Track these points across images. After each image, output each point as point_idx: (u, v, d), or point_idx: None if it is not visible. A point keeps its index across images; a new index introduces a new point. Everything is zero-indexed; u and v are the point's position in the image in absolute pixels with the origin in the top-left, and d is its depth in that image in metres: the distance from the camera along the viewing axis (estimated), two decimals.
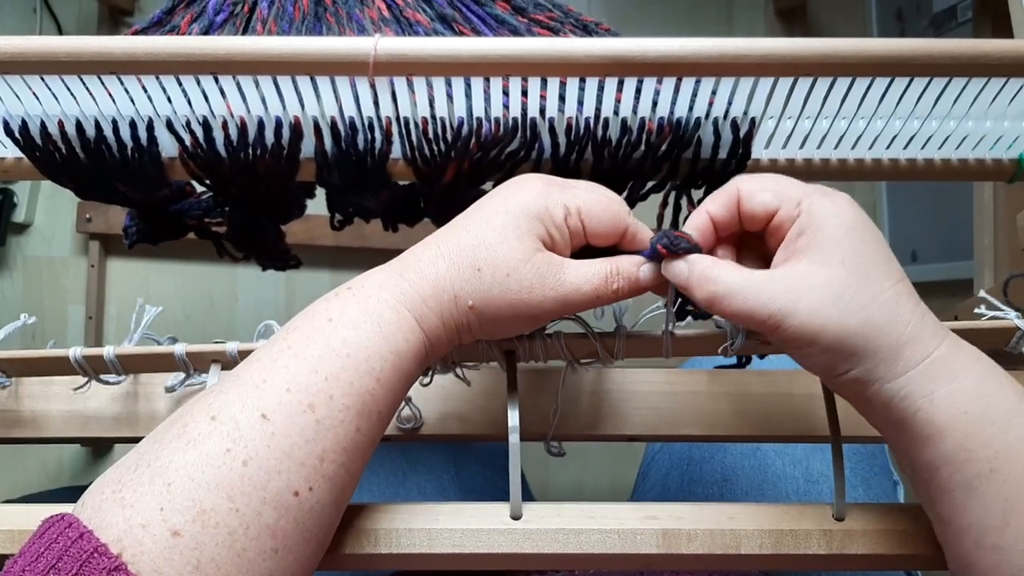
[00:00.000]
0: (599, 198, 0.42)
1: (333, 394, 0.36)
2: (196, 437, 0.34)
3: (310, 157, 0.49)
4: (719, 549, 0.42)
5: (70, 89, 0.44)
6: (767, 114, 0.47)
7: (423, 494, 0.70)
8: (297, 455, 0.35)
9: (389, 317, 0.39)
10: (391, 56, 0.42)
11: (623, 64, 0.42)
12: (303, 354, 0.37)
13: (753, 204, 0.40)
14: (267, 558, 0.34)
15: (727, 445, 0.68)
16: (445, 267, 0.40)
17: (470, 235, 0.40)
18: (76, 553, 0.31)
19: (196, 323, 1.51)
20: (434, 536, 0.42)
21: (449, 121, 0.47)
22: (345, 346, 0.37)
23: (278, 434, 0.35)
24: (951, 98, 0.46)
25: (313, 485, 0.36)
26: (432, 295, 0.39)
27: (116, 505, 0.33)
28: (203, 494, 0.33)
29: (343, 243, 1.35)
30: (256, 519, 0.34)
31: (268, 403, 0.35)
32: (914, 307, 0.38)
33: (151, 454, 0.35)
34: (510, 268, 0.39)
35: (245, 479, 0.34)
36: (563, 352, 0.46)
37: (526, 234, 0.40)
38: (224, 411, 0.35)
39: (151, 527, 0.32)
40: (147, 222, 0.58)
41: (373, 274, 0.41)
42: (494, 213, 0.40)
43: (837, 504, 0.43)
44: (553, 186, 0.41)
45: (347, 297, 0.39)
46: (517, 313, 0.40)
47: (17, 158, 0.50)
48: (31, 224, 1.51)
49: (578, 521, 0.42)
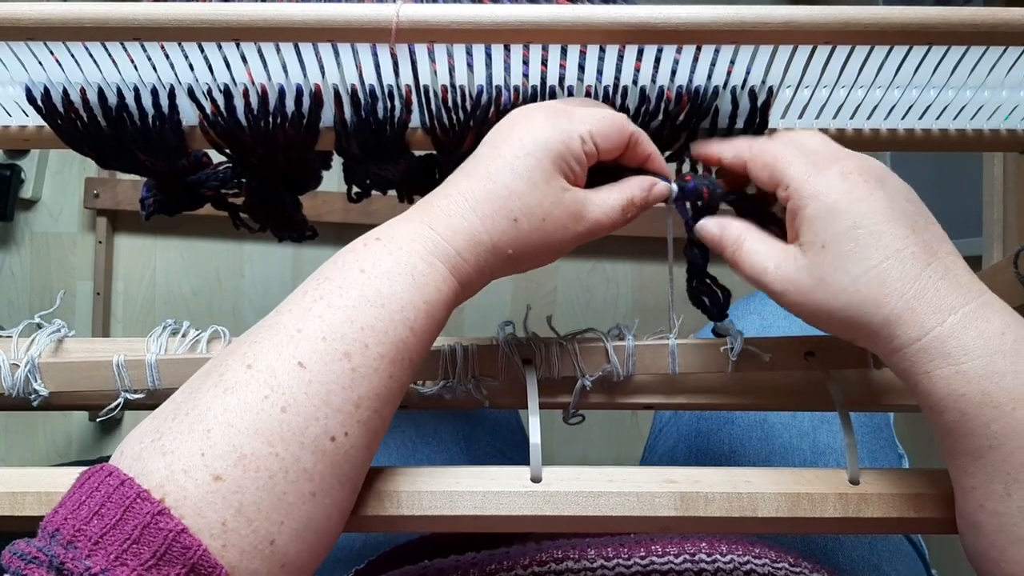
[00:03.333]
0: (603, 115, 0.43)
1: (368, 343, 0.37)
2: (233, 385, 0.35)
3: (329, 126, 0.49)
4: (736, 512, 0.43)
5: (93, 56, 0.45)
6: (784, 83, 0.47)
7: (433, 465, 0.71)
8: (334, 402, 0.36)
9: (422, 268, 0.39)
10: (413, 23, 0.42)
11: (645, 31, 0.42)
12: (337, 304, 0.37)
13: (756, 180, 0.44)
14: (306, 501, 0.35)
15: (734, 417, 0.69)
16: (479, 220, 0.40)
17: (498, 184, 0.40)
18: (119, 499, 0.32)
19: (203, 299, 1.52)
20: (455, 498, 0.43)
21: (468, 90, 0.47)
22: (379, 296, 0.38)
23: (315, 381, 0.36)
24: (967, 68, 0.46)
25: (349, 430, 0.36)
26: (467, 247, 0.40)
27: (156, 453, 0.33)
28: (243, 439, 0.34)
29: (350, 220, 1.36)
30: (295, 463, 0.35)
31: (304, 351, 0.36)
32: (908, 283, 0.38)
33: (188, 403, 0.35)
34: (544, 212, 0.41)
35: (284, 425, 0.34)
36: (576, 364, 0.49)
37: (552, 175, 0.41)
38: (260, 359, 0.36)
39: (192, 472, 0.33)
40: (164, 193, 0.58)
41: (399, 225, 0.41)
42: (515, 157, 0.41)
43: (851, 468, 0.44)
44: (560, 116, 0.42)
45: (378, 248, 0.39)
46: (551, 248, 0.42)
47: (38, 127, 0.51)
48: (39, 200, 1.52)
49: (597, 484, 0.43)
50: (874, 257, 0.38)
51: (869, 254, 0.38)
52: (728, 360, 0.49)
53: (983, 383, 0.37)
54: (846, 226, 0.39)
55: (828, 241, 0.39)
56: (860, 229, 0.39)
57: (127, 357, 0.48)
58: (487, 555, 0.51)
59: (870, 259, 0.38)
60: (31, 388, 0.48)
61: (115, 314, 1.52)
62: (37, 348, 0.49)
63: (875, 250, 0.38)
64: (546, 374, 0.49)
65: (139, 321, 1.52)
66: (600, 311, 1.48)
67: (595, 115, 0.43)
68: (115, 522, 0.31)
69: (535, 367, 0.49)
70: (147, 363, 0.48)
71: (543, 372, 0.49)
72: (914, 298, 0.38)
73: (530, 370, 0.48)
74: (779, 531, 0.44)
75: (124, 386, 0.48)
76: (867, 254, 0.39)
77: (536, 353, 0.49)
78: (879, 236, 0.39)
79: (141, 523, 0.31)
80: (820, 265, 0.40)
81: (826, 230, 0.39)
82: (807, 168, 0.41)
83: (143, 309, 1.52)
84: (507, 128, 0.42)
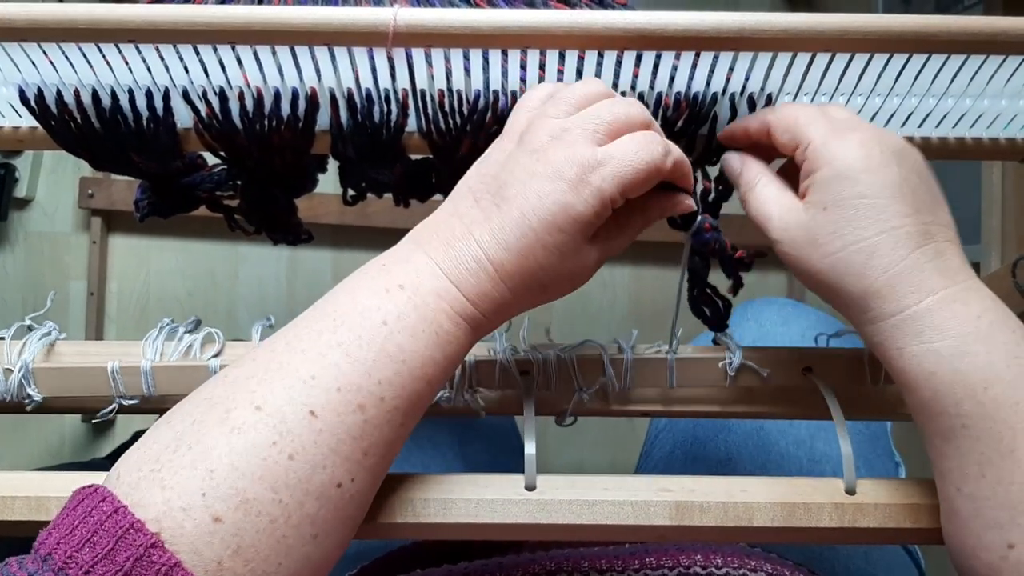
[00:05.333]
0: (638, 167, 0.39)
1: (384, 396, 0.37)
2: (241, 426, 0.34)
3: (325, 129, 0.49)
4: (731, 522, 0.42)
5: (87, 57, 0.44)
6: (783, 90, 0.47)
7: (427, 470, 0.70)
8: (343, 451, 0.35)
9: (447, 327, 0.39)
10: (410, 27, 0.42)
11: (644, 37, 0.42)
12: (356, 355, 0.36)
13: (778, 142, 0.43)
14: (306, 543, 0.34)
15: (731, 424, 0.69)
16: (510, 292, 0.40)
17: (530, 260, 0.39)
18: (112, 528, 0.31)
19: (198, 300, 1.51)
20: (449, 506, 0.42)
21: (466, 95, 0.47)
22: (401, 352, 0.37)
23: (326, 431, 0.35)
24: (966, 76, 0.46)
25: (355, 476, 0.36)
26: (493, 311, 0.40)
27: (155, 485, 0.33)
28: (247, 484, 0.33)
29: (346, 221, 1.36)
30: (298, 509, 0.34)
31: (317, 401, 0.35)
32: (895, 260, 0.39)
33: (191, 436, 0.34)
34: (570, 274, 0.41)
35: (290, 472, 0.34)
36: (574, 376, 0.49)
37: (581, 244, 0.40)
38: (270, 402, 0.35)
39: (192, 511, 0.32)
40: (159, 195, 0.58)
41: (423, 273, 0.39)
42: (548, 233, 0.38)
43: (847, 478, 0.44)
44: (589, 175, 0.38)
45: (403, 300, 0.38)
46: (567, 292, 0.42)
47: (31, 128, 0.50)
48: (33, 199, 1.51)
49: (592, 492, 0.43)
50: (870, 229, 0.39)
51: (866, 224, 0.39)
52: (727, 375, 0.49)
53: (955, 363, 0.37)
54: (852, 193, 0.39)
55: (831, 204, 0.40)
56: (864, 199, 0.39)
57: (122, 363, 0.48)
58: (479, 565, 0.50)
59: (865, 230, 0.39)
60: (25, 393, 0.48)
61: (109, 314, 1.51)
62: (30, 352, 0.49)
63: (872, 222, 0.39)
64: (543, 386, 0.49)
65: (133, 322, 1.51)
66: (597, 315, 1.48)
67: (629, 164, 0.39)
68: (107, 552, 0.31)
69: (533, 378, 0.48)
70: (142, 370, 0.48)
71: (540, 384, 0.49)
72: (897, 276, 0.38)
73: (528, 382, 0.48)
74: (774, 541, 0.43)
75: (119, 392, 0.48)
76: (864, 224, 0.39)
77: (534, 365, 0.49)
78: (880, 210, 0.39)
79: (133, 555, 0.31)
80: (818, 226, 0.40)
81: (832, 194, 0.40)
82: (827, 132, 0.41)
83: (137, 310, 1.52)
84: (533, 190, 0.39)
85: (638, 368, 0.49)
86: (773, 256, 0.44)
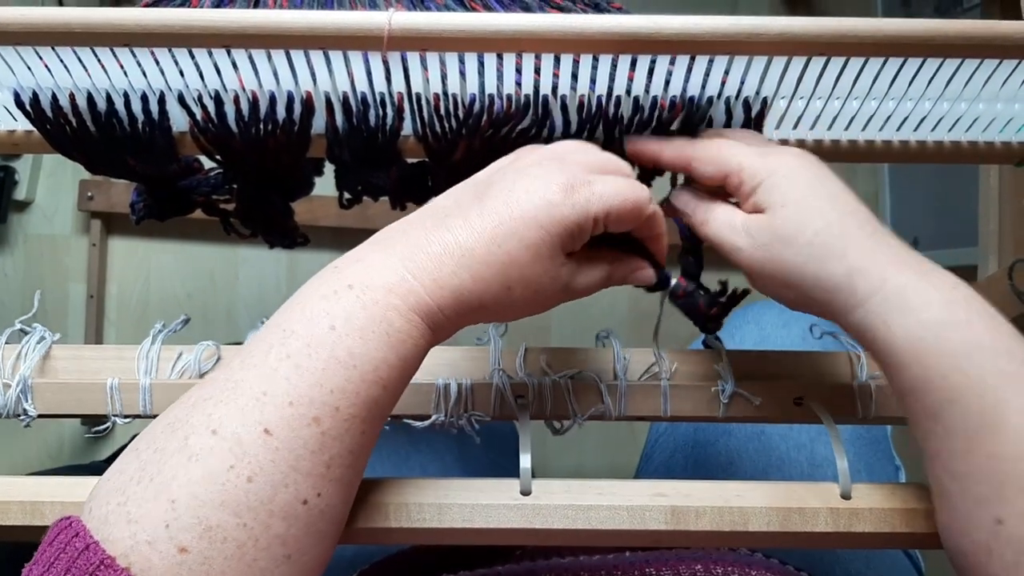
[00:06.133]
0: (626, 196, 0.40)
1: (339, 406, 0.35)
2: (198, 452, 0.33)
3: (321, 133, 0.49)
4: (727, 526, 0.42)
5: (82, 61, 0.44)
6: (779, 94, 0.47)
7: (426, 473, 0.70)
8: (303, 467, 0.34)
9: (399, 325, 0.37)
10: (406, 30, 0.42)
11: (638, 41, 0.42)
12: (305, 365, 0.35)
13: (701, 175, 0.45)
14: (280, 564, 0.34)
15: (731, 428, 0.69)
16: (471, 279, 0.38)
17: (502, 249, 0.38)
18: (84, 565, 0.31)
19: (197, 301, 1.51)
20: (444, 511, 0.42)
21: (461, 98, 0.47)
22: (351, 358, 0.36)
23: (282, 448, 0.34)
24: (962, 80, 0.46)
25: (321, 491, 0.35)
26: (451, 304, 0.38)
27: (122, 520, 0.32)
28: (208, 511, 0.32)
29: (346, 224, 1.36)
30: (265, 531, 0.33)
31: (270, 417, 0.34)
32: (866, 237, 0.40)
33: (153, 466, 0.34)
34: (538, 284, 0.39)
35: (251, 495, 0.33)
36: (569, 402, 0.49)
37: (557, 251, 0.39)
38: (225, 425, 0.34)
39: (157, 544, 0.32)
40: (155, 198, 0.58)
41: (375, 268, 0.38)
42: (527, 226, 0.38)
43: (843, 483, 0.44)
44: (579, 190, 0.39)
45: (350, 300, 0.36)
46: (529, 312, 0.41)
47: (27, 131, 0.50)
48: (32, 202, 1.51)
49: (587, 497, 0.43)
50: (834, 213, 0.40)
51: (829, 209, 0.40)
52: (719, 403, 0.49)
53: (941, 330, 0.37)
54: (807, 184, 0.41)
55: (789, 201, 0.41)
56: (821, 188, 0.41)
57: (120, 380, 0.48)
58: (480, 575, 0.50)
59: (830, 214, 0.40)
60: (21, 408, 0.48)
61: (108, 317, 1.51)
62: (27, 364, 0.49)
63: (834, 207, 0.41)
64: (538, 410, 0.49)
65: (133, 324, 1.51)
66: (597, 317, 1.48)
67: (617, 192, 0.40)
68: None
69: (528, 403, 0.49)
70: (140, 387, 0.48)
71: (535, 409, 0.49)
72: (872, 250, 0.39)
73: (523, 406, 0.48)
74: (770, 545, 0.43)
75: (115, 411, 0.48)
76: (827, 209, 0.40)
77: (529, 389, 0.49)
78: (837, 197, 0.41)
79: None
80: (784, 221, 0.41)
81: (788, 191, 0.41)
82: (756, 152, 0.43)
83: (137, 312, 1.52)
84: (521, 186, 0.39)
85: (632, 394, 0.50)
86: None
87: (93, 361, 0.50)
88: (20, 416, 0.48)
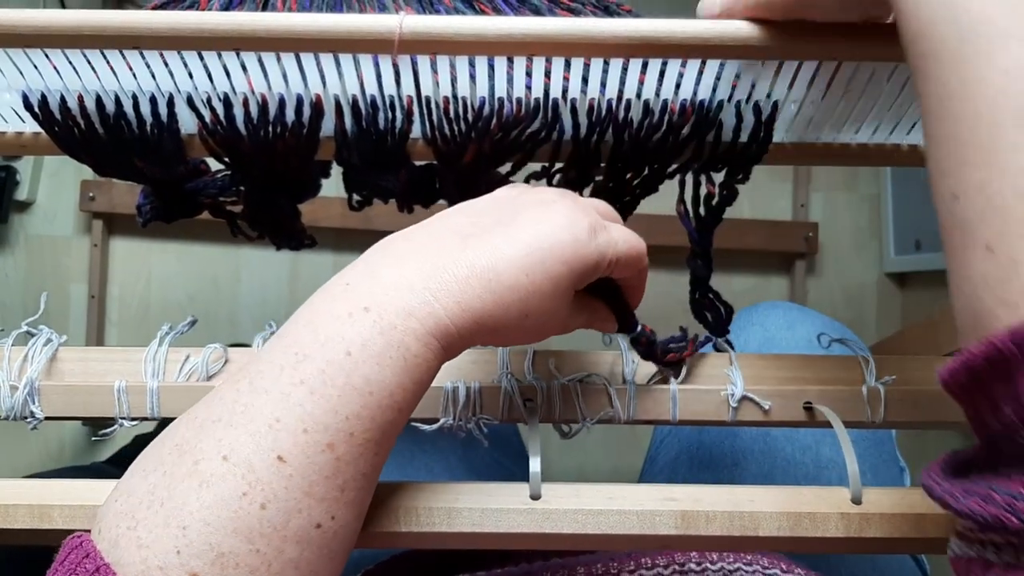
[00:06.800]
0: (634, 245, 0.42)
1: (354, 432, 0.35)
2: (209, 478, 0.33)
3: (329, 136, 0.49)
4: (737, 531, 0.42)
5: (91, 63, 0.44)
6: (790, 98, 0.47)
7: (431, 474, 0.70)
8: (317, 492, 0.34)
9: (416, 349, 0.36)
10: (416, 34, 0.42)
11: (649, 44, 0.42)
12: (320, 392, 0.34)
13: None
14: None
15: (737, 430, 0.69)
16: (493, 305, 0.37)
17: (528, 279, 0.37)
18: None
19: (199, 304, 1.51)
20: (454, 515, 0.42)
21: (470, 101, 0.47)
22: (368, 384, 0.35)
23: (296, 475, 0.33)
24: None
25: (336, 514, 0.35)
26: (470, 328, 0.37)
27: (132, 544, 0.32)
28: (220, 538, 0.32)
29: (348, 225, 1.36)
30: (278, 556, 0.33)
31: (284, 445, 0.34)
32: None
33: (163, 490, 0.33)
34: (550, 316, 0.40)
35: (264, 521, 0.33)
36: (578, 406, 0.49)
37: (572, 287, 0.40)
38: (236, 451, 0.33)
39: (169, 570, 0.31)
40: (162, 200, 0.58)
41: (393, 289, 0.37)
42: (554, 259, 0.38)
43: (853, 487, 0.44)
44: (600, 232, 0.40)
45: (366, 324, 0.36)
46: (531, 340, 0.41)
47: (35, 133, 0.50)
48: (34, 202, 1.51)
49: (597, 502, 0.43)
50: None
51: None
52: (728, 407, 0.49)
53: None
54: None
55: None
56: None
57: (128, 383, 0.48)
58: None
59: None
60: (28, 411, 0.48)
61: (110, 318, 1.51)
62: (34, 367, 0.49)
63: None
64: (546, 413, 0.49)
65: (134, 325, 1.51)
66: None
67: (627, 240, 0.42)
68: None
69: (536, 406, 0.49)
70: (148, 389, 0.48)
71: (544, 413, 0.49)
72: None
73: (532, 410, 0.48)
74: (780, 549, 0.43)
75: (123, 413, 0.48)
76: None
77: (538, 392, 0.49)
78: None
79: None
80: None
81: None
82: None
83: (138, 313, 1.52)
84: (551, 219, 0.39)
85: (641, 397, 0.50)
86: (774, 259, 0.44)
87: (100, 363, 0.49)
88: (27, 418, 0.48)
